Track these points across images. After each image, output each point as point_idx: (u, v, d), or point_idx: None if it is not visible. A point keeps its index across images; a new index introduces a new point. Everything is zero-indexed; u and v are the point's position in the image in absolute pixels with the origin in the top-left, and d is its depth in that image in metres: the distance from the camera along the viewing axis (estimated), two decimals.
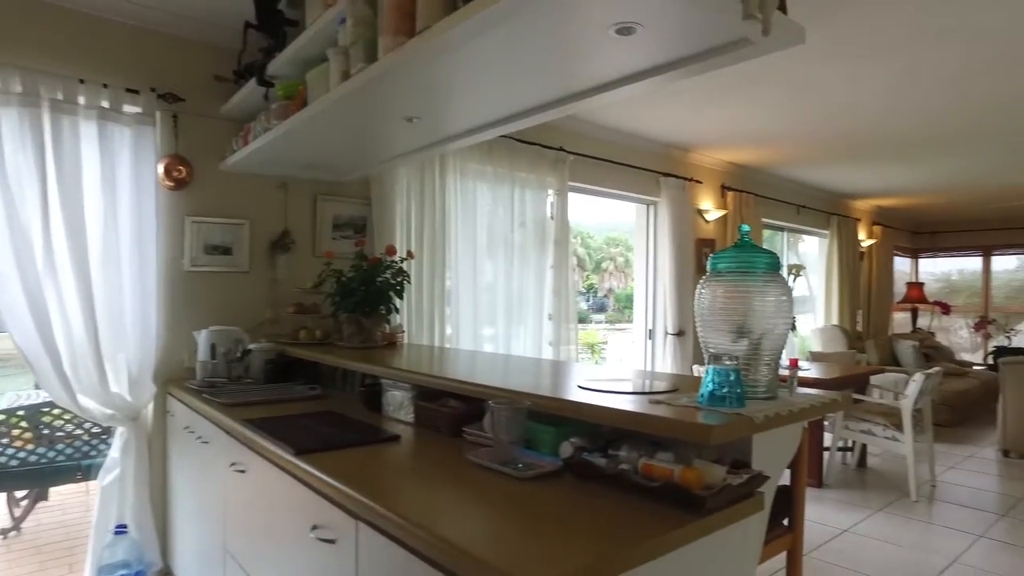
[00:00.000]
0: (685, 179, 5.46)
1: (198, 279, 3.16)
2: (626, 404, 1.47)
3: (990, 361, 8.80)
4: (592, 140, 4.85)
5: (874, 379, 5.44)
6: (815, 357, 6.15)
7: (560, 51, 1.67)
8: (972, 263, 9.86)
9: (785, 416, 1.37)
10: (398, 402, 2.13)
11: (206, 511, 2.41)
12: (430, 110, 2.26)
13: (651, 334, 5.51)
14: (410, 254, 3.30)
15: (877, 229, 8.54)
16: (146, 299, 2.91)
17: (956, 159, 5.85)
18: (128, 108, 2.80)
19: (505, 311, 4.22)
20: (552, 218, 4.51)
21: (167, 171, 3.00)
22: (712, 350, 1.55)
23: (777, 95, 4.11)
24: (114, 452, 2.81)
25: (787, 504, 1.75)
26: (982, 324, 9.05)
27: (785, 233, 7.27)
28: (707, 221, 5.83)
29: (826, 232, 7.63)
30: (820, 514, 4.22)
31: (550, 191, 4.51)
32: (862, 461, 5.36)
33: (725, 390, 1.39)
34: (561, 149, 4.53)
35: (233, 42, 2.97)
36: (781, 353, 1.60)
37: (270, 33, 2.60)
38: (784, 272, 4.77)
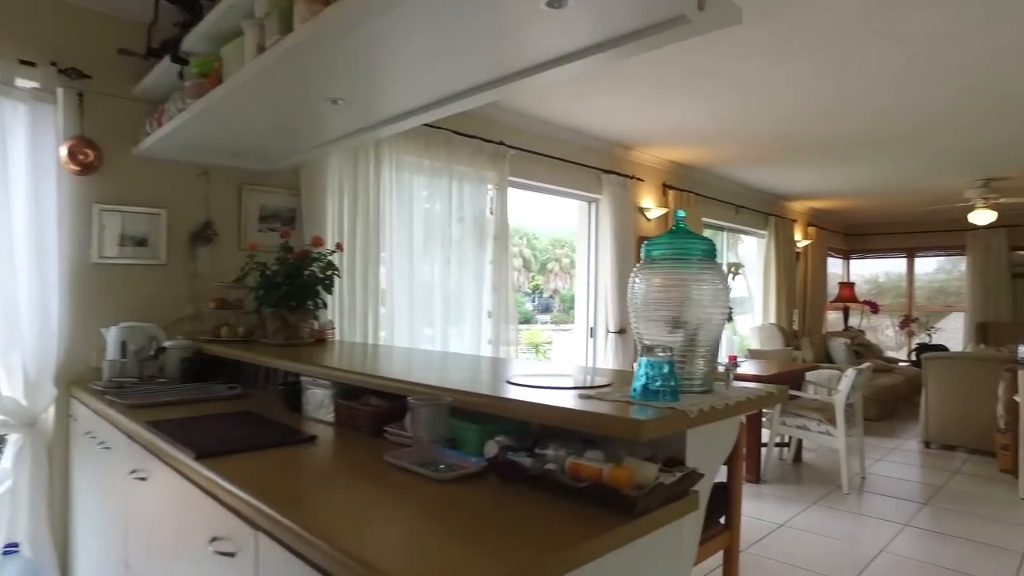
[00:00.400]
0: (627, 177, 5.45)
1: (109, 272, 2.92)
2: (553, 400, 1.38)
3: (913, 357, 9.16)
4: (534, 135, 4.77)
5: (809, 375, 5.55)
6: (753, 354, 6.25)
7: (487, 24, 1.57)
8: (897, 265, 10.28)
9: (721, 410, 1.31)
10: (318, 401, 1.99)
11: (107, 524, 2.21)
12: (355, 91, 2.13)
13: (593, 332, 5.47)
14: (339, 246, 3.14)
15: (812, 230, 8.78)
16: (46, 293, 2.67)
17: (887, 162, 6.03)
18: (22, 82, 2.55)
19: (443, 309, 4.10)
20: (492, 213, 4.41)
21: (71, 154, 2.76)
22: (646, 342, 1.48)
23: (718, 93, 4.12)
24: (5, 462, 2.56)
25: (724, 502, 1.70)
26: (906, 323, 9.43)
27: (725, 233, 7.37)
28: (648, 219, 5.84)
29: (764, 232, 7.79)
30: (758, 509, 4.26)
31: (490, 186, 4.41)
32: (798, 456, 5.46)
33: (658, 384, 1.31)
34: (501, 143, 4.44)
35: (145, 15, 2.76)
36: (718, 345, 1.54)
37: (184, 5, 2.41)
38: (724, 270, 4.77)
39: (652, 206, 5.83)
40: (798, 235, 8.57)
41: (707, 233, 7.29)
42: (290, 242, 3.01)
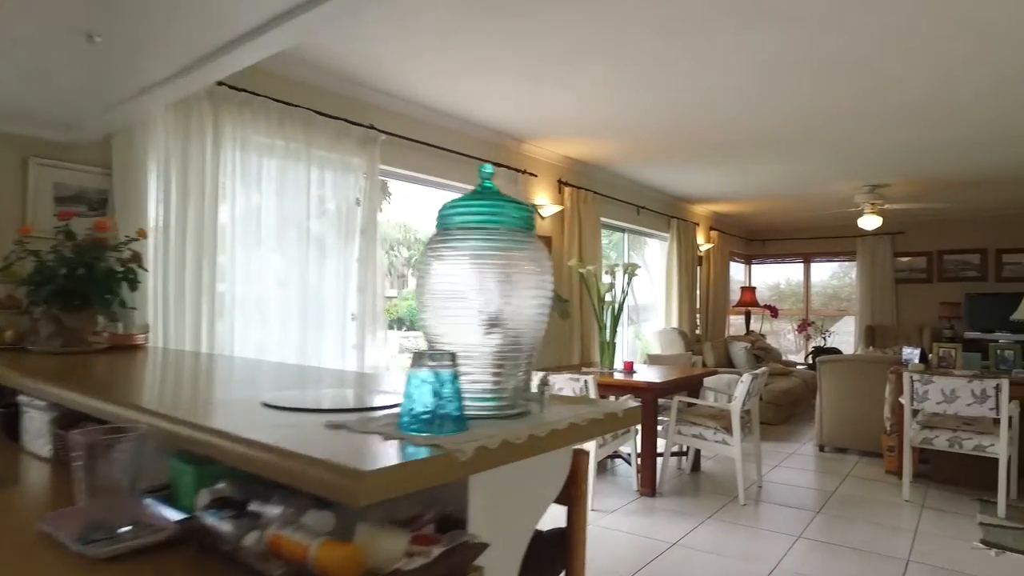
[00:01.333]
0: (518, 171, 5.10)
1: None
2: (275, 429, 0.93)
3: (810, 360, 9.31)
4: (410, 120, 4.33)
5: (708, 381, 5.35)
6: (653, 360, 6.03)
7: None
8: (797, 271, 10.48)
9: (521, 445, 0.90)
10: (36, 429, 1.46)
11: None
12: (109, 23, 1.62)
13: None
14: (141, 233, 2.58)
15: (715, 234, 8.76)
16: None
17: (783, 165, 5.97)
18: None
19: (300, 312, 3.58)
20: (359, 204, 3.93)
21: None
22: (442, 345, 1.06)
23: (605, 80, 3.82)
24: None
25: (560, 555, 1.30)
26: (803, 326, 9.60)
27: (626, 234, 7.17)
28: (543, 217, 5.51)
29: (666, 235, 7.65)
30: (651, 527, 3.96)
31: (358, 174, 3.93)
32: (696, 465, 5.25)
33: (433, 408, 0.89)
34: (372, 127, 3.97)
35: None
36: (534, 351, 1.14)
37: None
38: (621, 272, 4.40)
39: (547, 203, 5.51)
40: (701, 239, 8.52)
41: (607, 235, 7.06)
42: (70, 224, 2.42)
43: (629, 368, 4.94)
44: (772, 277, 11.01)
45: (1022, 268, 8.48)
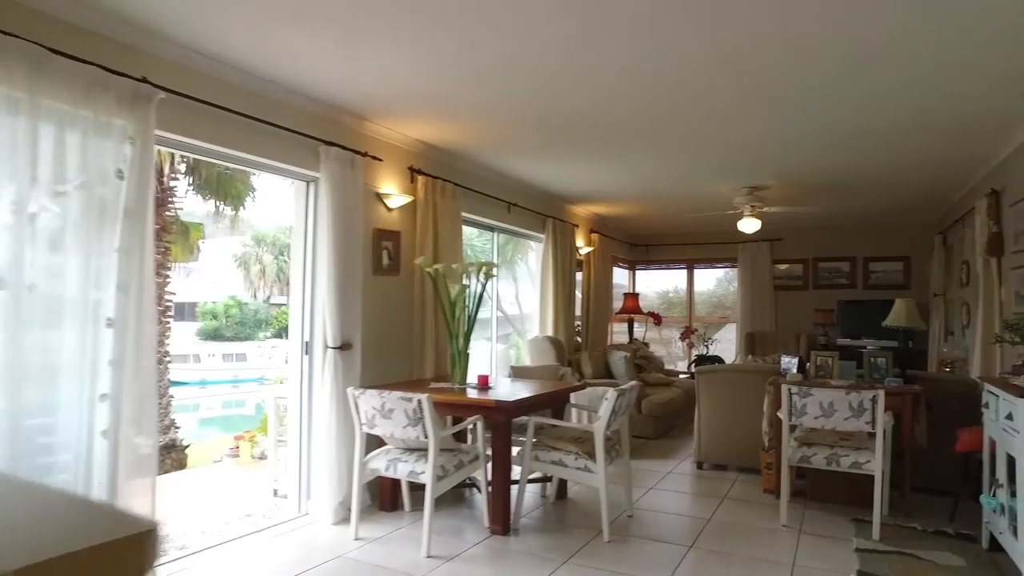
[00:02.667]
0: (356, 153, 4.32)
1: None
2: None
3: (693, 369, 9.05)
4: (207, 78, 3.47)
5: (577, 397, 4.78)
6: (518, 373, 5.40)
7: None
8: (683, 278, 10.28)
9: None
10: None
11: None
12: None
13: (308, 348, 4.24)
14: None
15: (595, 237, 8.32)
16: None
17: (660, 161, 5.54)
18: None
19: (15, 317, 2.63)
20: (122, 178, 3.02)
21: None
22: None
23: (453, 42, 3.13)
24: None
25: None
26: (687, 334, 9.36)
27: (496, 233, 6.54)
28: (390, 208, 4.76)
29: (542, 236, 7.09)
30: None
31: (121, 140, 3.03)
32: (562, 492, 4.65)
33: None
34: (144, 80, 3.07)
35: None
36: None
37: None
38: (475, 272, 3.68)
39: (395, 192, 4.76)
40: (580, 241, 8.05)
41: (475, 234, 6.41)
42: None
43: (484, 383, 4.27)
44: (662, 284, 10.77)
45: (887, 276, 8.60)
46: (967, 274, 6.50)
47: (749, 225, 6.60)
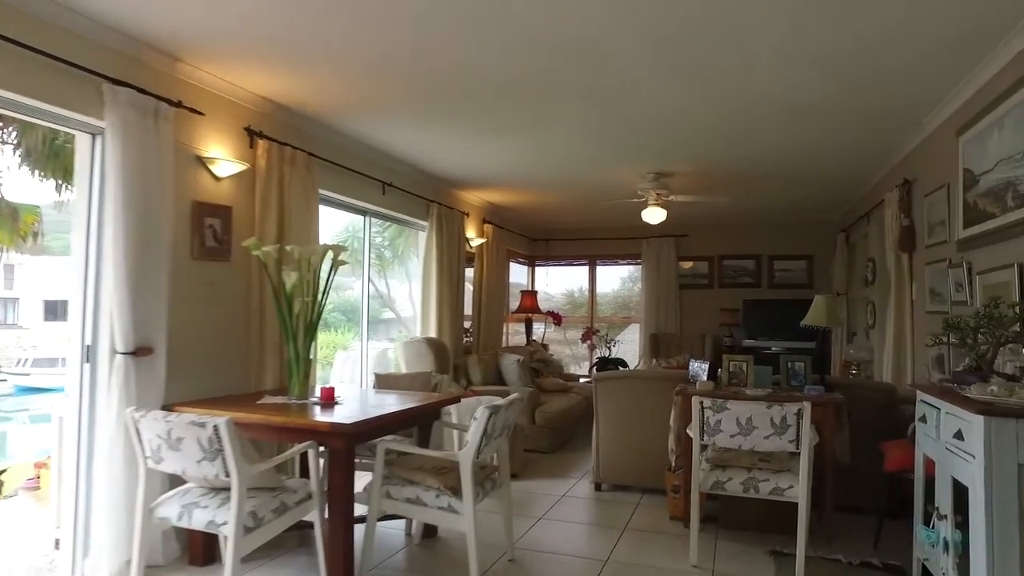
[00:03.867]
0: (162, 100, 3.30)
1: None
2: None
3: (595, 373, 8.46)
4: None
5: (451, 411, 3.95)
6: (382, 382, 4.50)
7: None
8: (587, 275, 9.67)
9: None
10: None
11: None
12: None
13: (90, 353, 3.19)
14: None
15: (489, 228, 7.53)
16: None
17: (556, 136, 4.82)
18: None
19: None
20: None
21: None
22: None
23: None
24: None
25: None
26: (588, 335, 8.76)
27: (368, 217, 5.61)
28: (218, 177, 3.75)
29: (425, 223, 6.23)
30: None
31: None
32: (431, 529, 3.80)
33: None
34: None
35: None
36: None
37: None
38: (321, 257, 2.68)
39: (224, 156, 3.76)
40: (471, 232, 7.24)
41: (330, 213, 5.47)
42: None
43: (328, 397, 3.36)
44: (567, 283, 10.07)
45: (791, 275, 8.34)
46: (873, 271, 6.20)
47: (654, 215, 6.01)
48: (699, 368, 4.14)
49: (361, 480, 3.13)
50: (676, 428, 4.00)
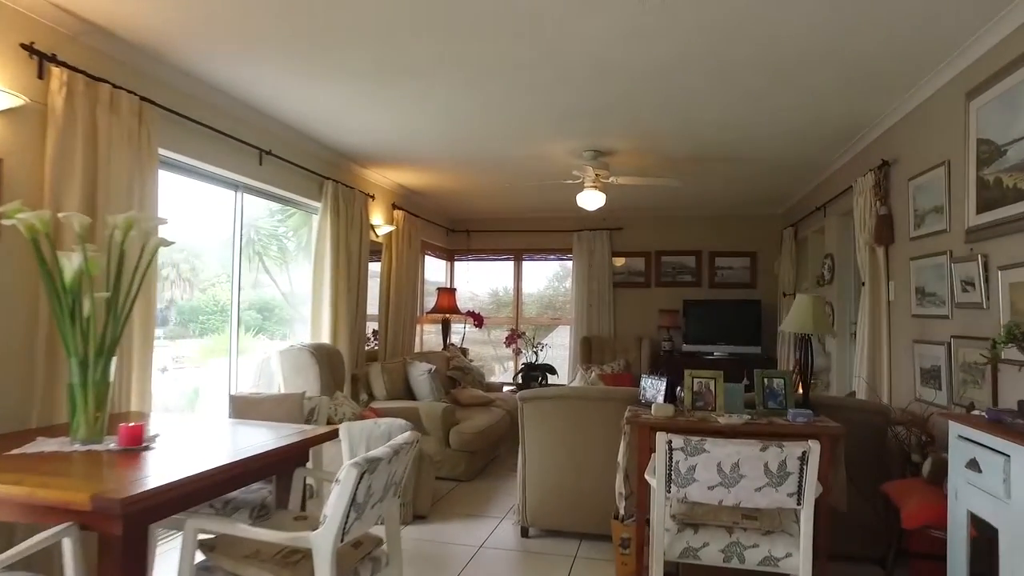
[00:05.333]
0: None
1: None
2: None
3: (519, 380, 7.55)
4: None
5: (319, 453, 2.90)
6: (240, 407, 3.37)
7: None
8: (521, 274, 8.70)
9: None
10: None
11: None
12: None
13: None
14: None
15: (400, 215, 6.47)
16: None
17: (472, 89, 3.85)
18: None
19: None
20: None
21: None
22: None
23: None
24: None
25: None
26: (512, 338, 7.83)
27: (241, 193, 4.45)
28: None
29: (317, 204, 5.11)
30: None
31: None
32: None
33: None
34: None
35: None
36: None
37: None
38: (122, 231, 1.61)
39: None
40: (378, 218, 6.16)
41: (206, 190, 4.31)
42: None
43: (133, 439, 2.25)
44: (492, 282, 9.04)
45: (734, 273, 7.68)
46: (831, 269, 5.55)
47: (591, 199, 5.13)
48: (653, 386, 3.26)
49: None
50: (626, 465, 3.10)
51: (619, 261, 7.93)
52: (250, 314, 5.88)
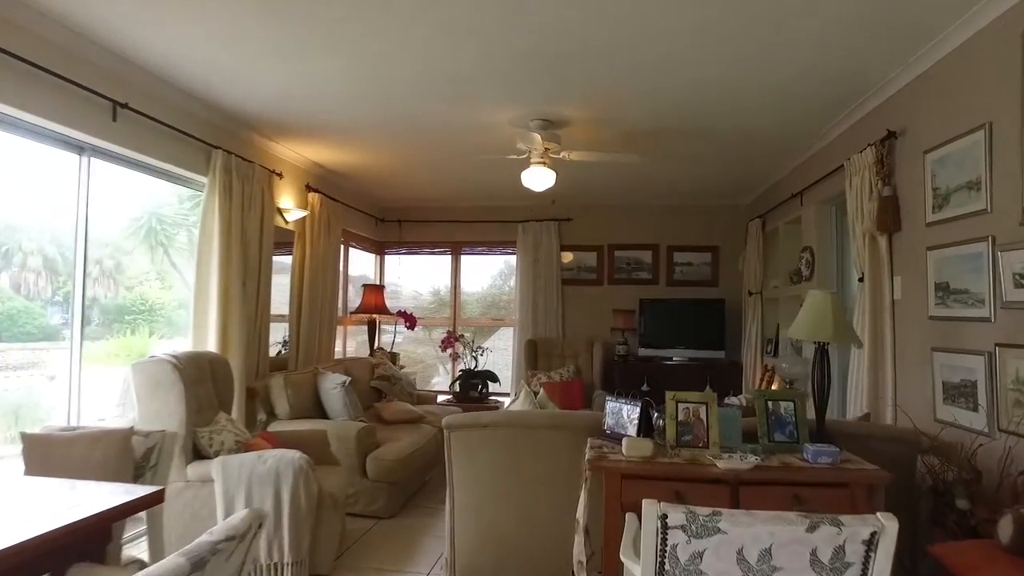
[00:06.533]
0: None
1: None
2: None
3: (456, 389, 6.68)
4: None
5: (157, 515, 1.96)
6: (34, 448, 2.36)
7: None
8: (461, 271, 7.76)
9: None
10: None
11: None
12: None
13: None
14: None
15: (316, 199, 5.50)
16: None
17: (396, 35, 2.96)
18: None
19: None
20: None
21: None
22: None
23: None
24: None
25: None
26: (449, 341, 6.94)
27: (87, 157, 3.42)
28: None
29: (203, 178, 4.11)
30: None
31: None
32: None
33: None
34: None
35: None
36: None
37: None
38: None
39: None
40: (287, 200, 5.18)
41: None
42: None
43: None
44: (433, 280, 8.05)
45: (694, 270, 7.00)
46: (810, 264, 4.88)
47: (538, 178, 4.30)
48: (623, 413, 2.44)
49: None
50: (589, 516, 2.27)
51: (567, 257, 7.15)
52: (177, 313, 4.81)
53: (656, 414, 2.43)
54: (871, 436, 2.55)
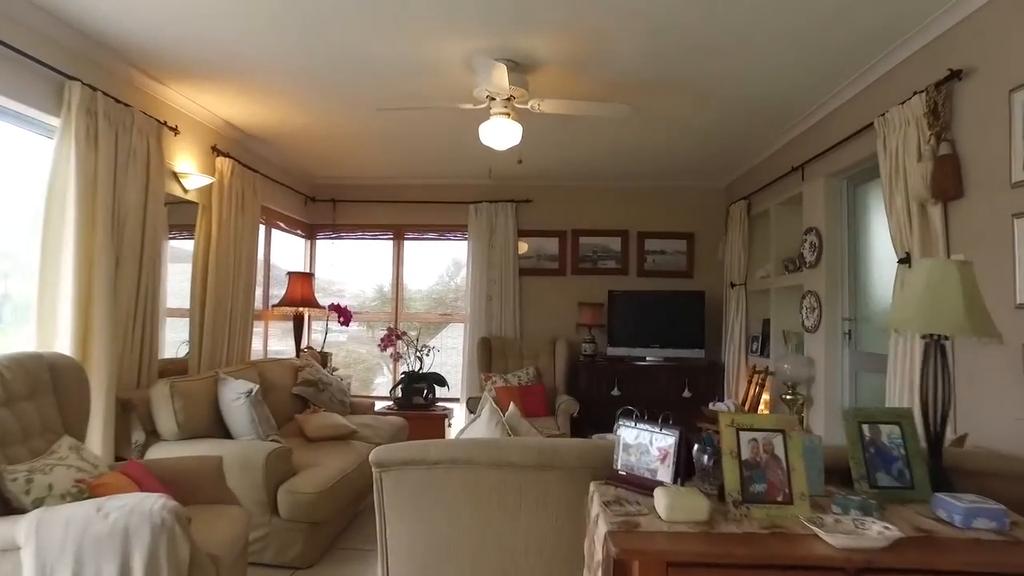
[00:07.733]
0: None
1: None
2: None
3: (398, 395, 5.76)
4: None
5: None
6: None
7: None
8: (403, 259, 6.79)
9: None
10: None
11: None
12: None
13: None
14: None
15: (226, 164, 4.49)
16: None
17: None
18: None
19: None
20: None
21: None
22: None
23: None
24: None
25: None
26: (390, 339, 5.99)
27: None
28: None
29: (52, 122, 3.08)
30: None
31: None
32: None
33: None
34: None
35: None
36: None
37: None
38: None
39: None
40: (186, 163, 4.16)
41: None
42: None
43: None
44: (378, 276, 7.01)
45: (667, 259, 6.26)
46: (816, 248, 4.18)
47: (500, 132, 3.43)
48: (648, 445, 1.59)
49: None
50: (608, 558, 1.42)
51: (523, 247, 6.31)
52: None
53: (696, 445, 1.60)
54: (994, 474, 1.76)
